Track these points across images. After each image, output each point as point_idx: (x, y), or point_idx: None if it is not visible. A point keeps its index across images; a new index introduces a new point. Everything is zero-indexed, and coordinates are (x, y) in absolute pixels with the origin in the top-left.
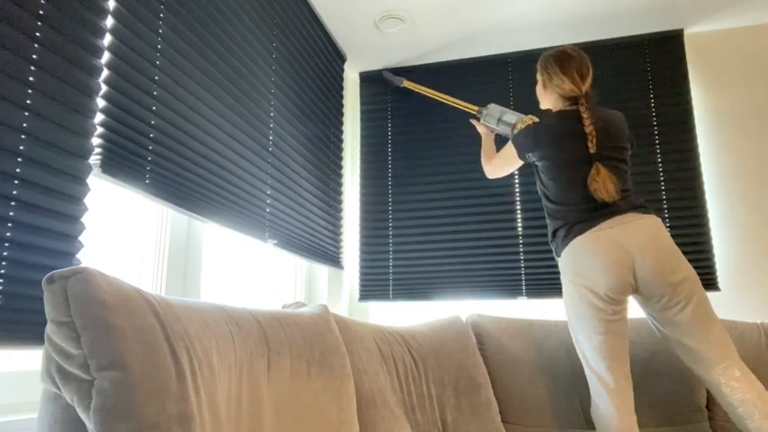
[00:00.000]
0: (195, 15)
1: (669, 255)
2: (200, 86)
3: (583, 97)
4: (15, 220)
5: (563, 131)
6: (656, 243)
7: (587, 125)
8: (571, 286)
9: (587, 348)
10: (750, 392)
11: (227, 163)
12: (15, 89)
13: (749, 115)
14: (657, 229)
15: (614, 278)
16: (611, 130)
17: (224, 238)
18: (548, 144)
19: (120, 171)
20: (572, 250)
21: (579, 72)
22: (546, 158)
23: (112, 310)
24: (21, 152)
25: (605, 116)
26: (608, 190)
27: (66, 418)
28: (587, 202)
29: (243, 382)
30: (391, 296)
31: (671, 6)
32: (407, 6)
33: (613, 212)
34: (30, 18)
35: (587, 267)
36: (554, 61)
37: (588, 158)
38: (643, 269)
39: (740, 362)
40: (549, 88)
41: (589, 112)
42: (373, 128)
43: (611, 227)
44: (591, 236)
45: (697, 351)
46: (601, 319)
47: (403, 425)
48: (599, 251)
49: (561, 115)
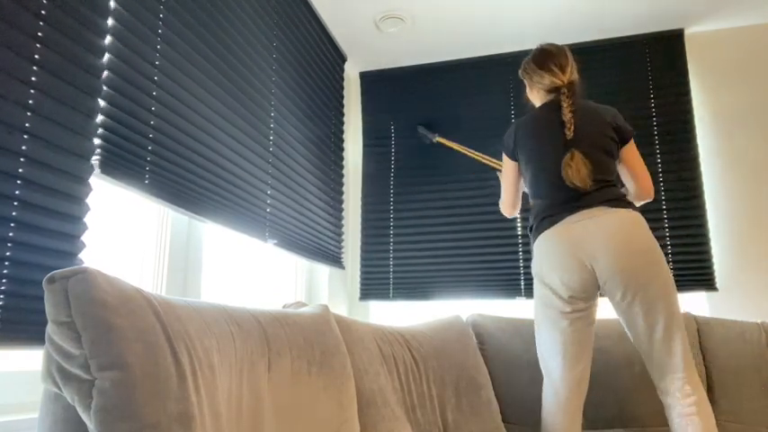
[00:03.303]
0: (195, 16)
1: (634, 253)
2: (200, 86)
3: (565, 87)
4: (17, 220)
5: (541, 121)
6: (620, 239)
7: (566, 113)
8: (535, 281)
9: (543, 341)
10: (693, 407)
11: (228, 163)
12: (17, 89)
13: (749, 115)
14: (628, 224)
15: (572, 276)
16: (593, 119)
17: (224, 237)
18: (526, 135)
19: (119, 171)
20: (537, 246)
21: (557, 64)
22: (525, 149)
23: (113, 310)
24: (23, 152)
25: (590, 106)
26: (581, 175)
27: (67, 417)
28: (559, 193)
29: (243, 382)
30: (392, 296)
31: (671, 6)
32: (407, 6)
33: (582, 206)
34: (31, 18)
35: (546, 265)
36: (531, 60)
37: (565, 146)
38: (603, 267)
39: (695, 379)
40: (534, 88)
41: (569, 100)
42: (374, 128)
43: (578, 220)
44: (554, 231)
45: (655, 356)
46: (559, 317)
47: (403, 425)
48: (558, 247)
49: (542, 107)
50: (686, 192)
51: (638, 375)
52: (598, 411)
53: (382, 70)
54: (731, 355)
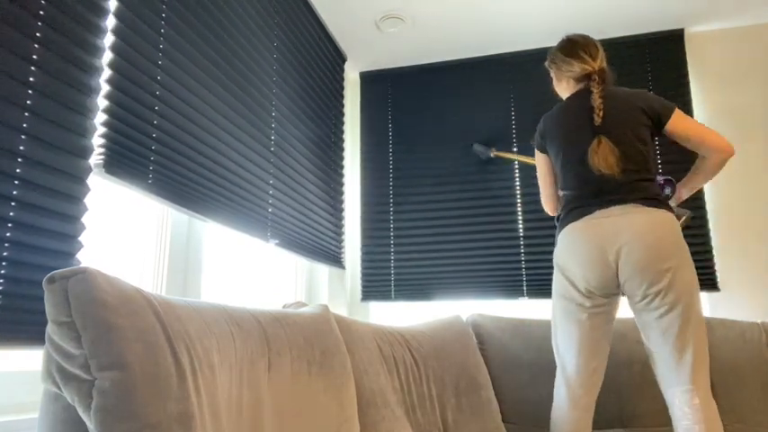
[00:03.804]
0: (197, 16)
1: (660, 255)
2: (202, 86)
3: (596, 73)
4: (15, 221)
5: (569, 110)
6: (649, 240)
7: (595, 98)
8: (556, 272)
9: (560, 334)
10: (699, 424)
11: (229, 163)
12: (15, 89)
13: (749, 115)
14: (660, 225)
15: (594, 273)
16: (624, 105)
17: (224, 237)
18: (554, 126)
19: (123, 171)
20: (562, 237)
21: (586, 51)
22: (554, 141)
23: (113, 310)
24: (21, 152)
25: (621, 92)
26: (608, 162)
27: (67, 417)
28: (590, 184)
29: (243, 382)
30: (393, 296)
31: (671, 6)
32: (407, 6)
33: (614, 201)
34: (30, 18)
35: (570, 258)
36: (558, 50)
37: (593, 133)
38: (627, 265)
39: (706, 392)
40: (563, 79)
41: (599, 87)
42: (374, 127)
43: (607, 216)
44: (582, 224)
45: (665, 364)
46: (578, 310)
47: (404, 425)
48: (583, 242)
49: (571, 97)
50: None
51: (638, 375)
52: (598, 411)
53: (382, 70)
54: (731, 355)
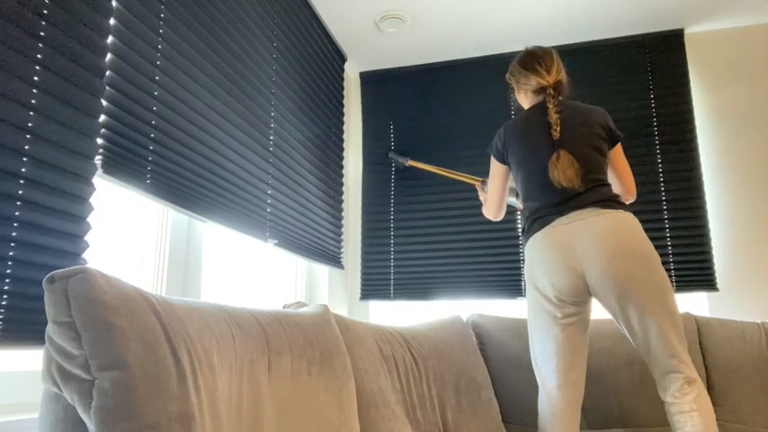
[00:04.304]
0: (196, 16)
1: (626, 256)
2: (201, 87)
3: (551, 87)
4: (21, 220)
5: (528, 123)
6: (612, 241)
7: (551, 113)
8: (528, 287)
9: (537, 348)
10: (690, 404)
11: (228, 163)
12: (20, 89)
13: (749, 115)
14: (621, 225)
15: (561, 281)
16: (581, 119)
17: (224, 237)
18: (515, 138)
19: (121, 171)
20: (527, 249)
21: (542, 65)
22: (515, 153)
23: (113, 310)
24: (26, 152)
25: (578, 106)
26: (567, 175)
27: (67, 417)
28: (550, 195)
29: (243, 382)
30: (392, 295)
31: (671, 6)
32: (407, 6)
33: (573, 207)
34: (34, 18)
35: (537, 268)
36: (517, 63)
37: (552, 147)
38: (593, 270)
39: (694, 376)
40: (521, 90)
41: (555, 101)
42: (374, 128)
43: (567, 222)
44: (544, 233)
45: (653, 357)
46: (551, 322)
47: (404, 425)
48: (547, 250)
49: (529, 110)
50: (686, 192)
51: (638, 375)
52: (598, 411)
53: (382, 70)
54: (731, 355)
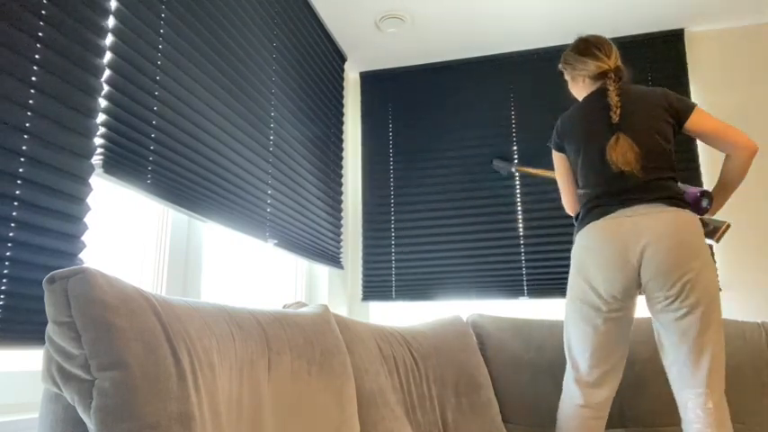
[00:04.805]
0: (196, 15)
1: (684, 255)
2: (202, 86)
3: (612, 71)
4: (18, 220)
5: (586, 109)
6: (673, 241)
7: (612, 96)
8: (574, 274)
9: (574, 335)
10: (710, 429)
11: (228, 163)
12: (18, 89)
13: (749, 115)
14: (683, 226)
15: (614, 275)
16: (641, 103)
17: (224, 237)
18: (572, 125)
19: (121, 171)
20: (582, 236)
21: (601, 50)
22: (572, 140)
23: (113, 310)
24: (23, 152)
25: (638, 90)
26: (626, 158)
27: (67, 417)
28: (611, 182)
29: (243, 382)
30: (394, 296)
31: (671, 6)
32: (407, 6)
33: (636, 200)
34: (32, 18)
35: (589, 258)
36: (572, 50)
37: (611, 131)
38: (650, 266)
39: (721, 396)
40: (577, 78)
41: (615, 84)
42: (374, 127)
43: (629, 215)
44: (603, 223)
45: (681, 366)
46: (595, 315)
47: (403, 424)
48: (605, 241)
49: (587, 97)
50: None
51: (638, 375)
52: None
53: (382, 70)
54: (731, 354)
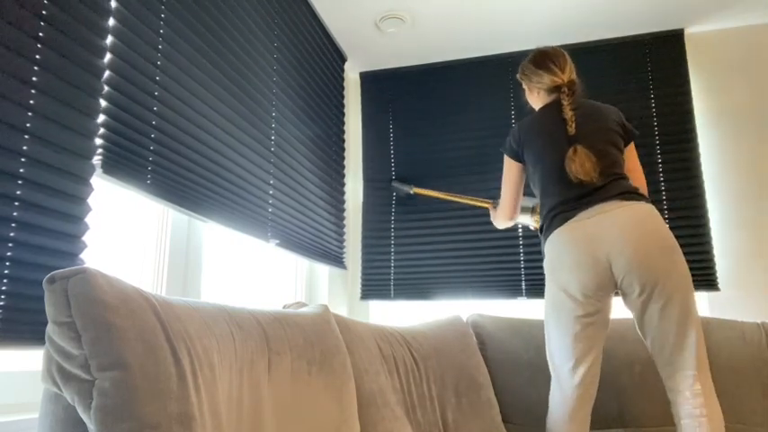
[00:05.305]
0: (196, 16)
1: (652, 246)
2: (202, 86)
3: (565, 86)
4: (19, 220)
5: (543, 121)
6: (638, 232)
7: (566, 110)
8: (548, 281)
9: (555, 346)
10: (701, 409)
11: (229, 163)
12: (18, 89)
13: (749, 115)
14: (645, 216)
15: (587, 275)
16: (596, 116)
17: (224, 237)
18: (531, 136)
19: (121, 171)
20: (549, 245)
21: (555, 63)
22: (531, 150)
23: (113, 311)
24: (24, 152)
25: (592, 104)
26: (585, 168)
27: (67, 417)
28: (569, 190)
29: (243, 382)
30: (392, 295)
31: (671, 6)
32: (407, 6)
33: (594, 201)
34: (32, 18)
35: (559, 264)
36: (528, 62)
37: (568, 143)
38: (620, 261)
39: (707, 377)
40: (533, 90)
41: (569, 98)
42: (374, 127)
43: (590, 216)
44: (567, 228)
45: (666, 352)
46: (573, 320)
47: (404, 425)
48: (572, 245)
49: (543, 108)
50: (687, 192)
51: (638, 375)
52: (598, 411)
53: (382, 70)
54: (731, 355)
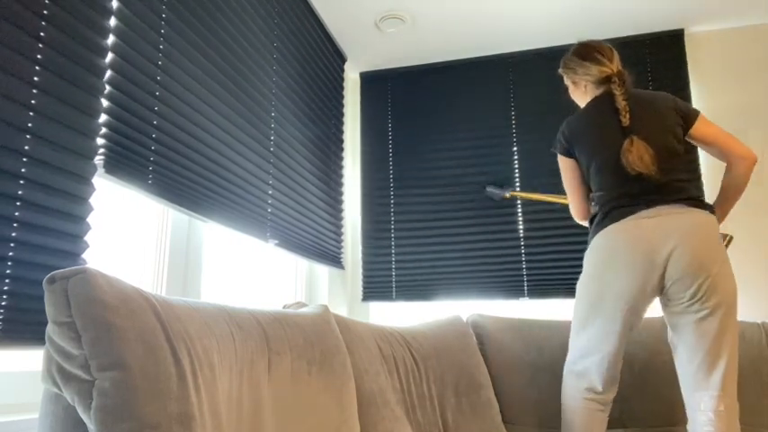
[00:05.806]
0: (197, 16)
1: (709, 256)
2: (202, 87)
3: (615, 75)
4: (20, 220)
5: (594, 113)
6: (697, 241)
7: (619, 100)
8: (588, 277)
9: (589, 342)
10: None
11: (229, 163)
12: (20, 89)
13: (749, 115)
14: (705, 227)
15: (638, 277)
16: (649, 105)
17: (224, 237)
18: (581, 130)
19: (122, 171)
20: (600, 240)
21: (602, 53)
22: (583, 145)
23: (113, 311)
24: (26, 152)
25: (644, 93)
26: (643, 160)
27: (67, 417)
28: (628, 184)
29: (243, 382)
30: (394, 296)
31: (671, 6)
32: (407, 6)
33: (656, 201)
34: (34, 18)
35: (610, 262)
36: (573, 55)
37: (623, 134)
38: (677, 265)
39: (733, 400)
40: (580, 83)
41: (621, 88)
42: (374, 128)
43: (651, 216)
44: (624, 226)
45: (696, 368)
46: (612, 319)
47: (404, 425)
48: (628, 244)
49: (592, 102)
50: None
51: (638, 375)
52: None
53: (382, 70)
54: None
